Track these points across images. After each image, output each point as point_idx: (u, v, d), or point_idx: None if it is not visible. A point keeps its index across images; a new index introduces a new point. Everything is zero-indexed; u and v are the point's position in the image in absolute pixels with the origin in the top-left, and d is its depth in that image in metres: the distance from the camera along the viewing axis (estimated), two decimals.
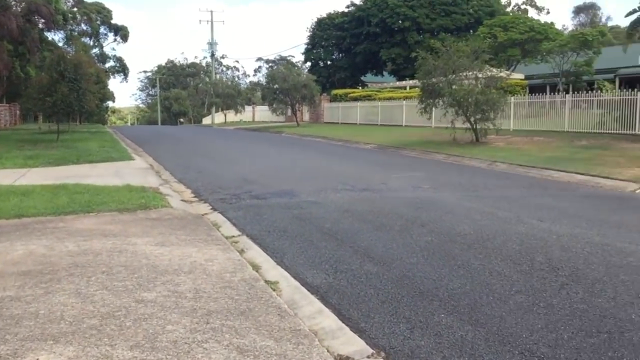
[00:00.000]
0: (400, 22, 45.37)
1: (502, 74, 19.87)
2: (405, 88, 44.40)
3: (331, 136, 27.46)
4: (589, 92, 25.18)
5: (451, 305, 4.54)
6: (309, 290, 4.98)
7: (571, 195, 9.95)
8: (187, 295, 4.62)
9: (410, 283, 5.09)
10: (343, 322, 4.25)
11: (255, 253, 6.23)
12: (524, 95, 26.75)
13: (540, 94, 24.51)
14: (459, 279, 5.16)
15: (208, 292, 4.71)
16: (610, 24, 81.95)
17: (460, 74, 19.06)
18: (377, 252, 6.12)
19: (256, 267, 5.59)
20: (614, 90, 32.56)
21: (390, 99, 36.16)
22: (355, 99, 40.76)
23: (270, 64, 79.41)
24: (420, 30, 45.87)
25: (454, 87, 18.63)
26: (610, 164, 13.38)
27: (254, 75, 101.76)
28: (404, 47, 46.09)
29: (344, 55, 53.77)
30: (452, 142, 19.67)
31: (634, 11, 21.80)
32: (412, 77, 49.81)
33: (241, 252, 6.19)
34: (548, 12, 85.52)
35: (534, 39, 36.54)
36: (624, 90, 20.95)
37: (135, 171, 13.29)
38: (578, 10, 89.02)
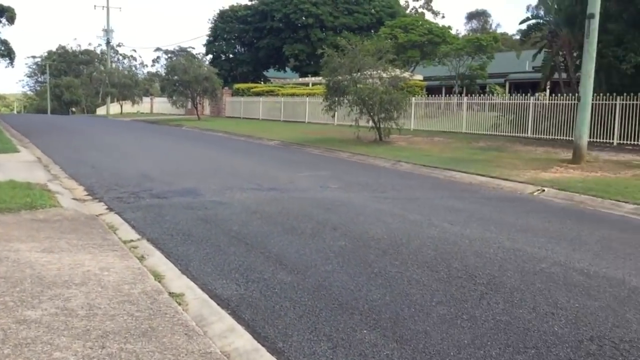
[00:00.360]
0: (303, 18, 45.24)
1: (405, 75, 20.14)
2: (308, 85, 44.40)
3: (234, 131, 26.80)
4: (483, 95, 26.27)
5: (373, 319, 4.26)
6: (218, 304, 4.54)
7: (476, 197, 10.08)
8: (78, 312, 4.04)
9: (327, 294, 4.77)
10: (259, 342, 3.85)
11: (158, 260, 5.68)
12: (423, 96, 27.47)
13: (437, 96, 25.20)
14: (377, 288, 4.90)
15: (104, 309, 4.15)
16: (499, 30, 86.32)
17: (365, 72, 19.09)
18: (289, 258, 5.76)
19: (159, 277, 5.06)
20: (505, 94, 34.22)
21: (293, 95, 35.94)
22: (258, 94, 40.19)
23: (169, 55, 76.69)
24: (324, 27, 46.01)
25: (359, 85, 18.62)
26: (508, 166, 13.82)
27: (152, 65, 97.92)
28: (307, 43, 46.09)
29: (246, 49, 52.93)
30: (356, 140, 19.70)
31: (528, 19, 22.88)
32: (314, 74, 49.98)
33: (141, 259, 5.62)
34: (443, 17, 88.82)
35: (433, 42, 37.64)
36: (514, 94, 21.88)
37: (20, 165, 12.11)
38: (470, 17, 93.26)
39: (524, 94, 21.98)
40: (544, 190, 11.05)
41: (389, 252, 6.05)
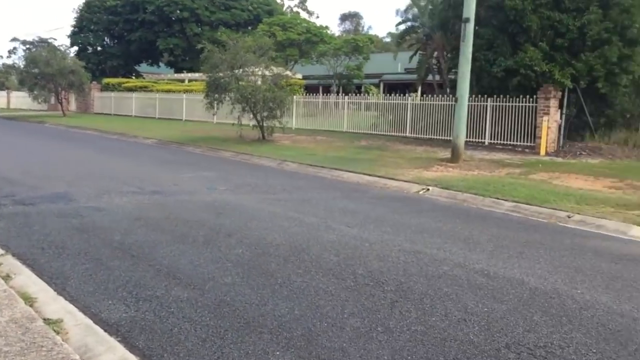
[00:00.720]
0: (178, 11, 43.75)
1: (287, 72, 19.92)
2: (184, 81, 43.05)
3: (105, 128, 25.21)
4: (359, 94, 26.79)
5: (284, 337, 3.91)
6: (106, 330, 3.97)
7: (367, 197, 10.02)
8: None
9: (231, 311, 4.34)
10: None
11: (27, 279, 4.94)
12: (302, 94, 27.50)
13: (315, 95, 25.27)
14: (284, 301, 4.55)
15: None
16: (371, 32, 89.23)
17: (247, 69, 18.63)
18: (184, 271, 5.24)
19: (30, 300, 4.37)
20: (379, 95, 35.20)
21: (169, 91, 34.58)
22: (131, 90, 38.26)
23: (27, 46, 71.14)
24: (200, 22, 44.79)
25: (241, 83, 18.13)
26: (392, 165, 14.01)
27: (8, 57, 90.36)
28: (183, 38, 44.70)
29: (117, 42, 50.28)
30: (239, 139, 19.19)
31: (404, 21, 23.58)
32: (190, 70, 48.56)
33: (6, 278, 4.86)
34: (318, 17, 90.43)
35: (311, 41, 37.94)
36: (388, 94, 22.47)
37: None
38: (344, 18, 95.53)
39: (400, 94, 22.65)
40: (428, 189, 11.26)
41: (291, 259, 5.71)
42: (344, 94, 26.64)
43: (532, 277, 5.45)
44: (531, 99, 16.38)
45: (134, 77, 48.83)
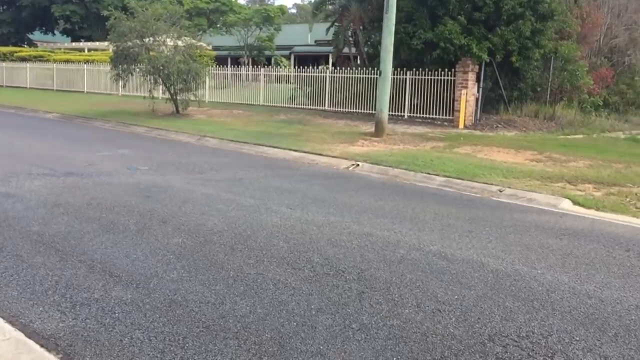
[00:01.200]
0: None
1: (201, 43, 18.96)
2: (83, 50, 40.48)
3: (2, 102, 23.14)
4: (269, 66, 26.18)
5: (253, 342, 3.50)
6: (42, 345, 3.39)
7: (299, 175, 9.64)
8: None
9: (185, 313, 3.86)
10: None
11: None
12: (213, 66, 26.44)
13: (224, 66, 24.39)
14: (243, 298, 4.13)
15: None
16: (278, 3, 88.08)
17: (159, 39, 17.54)
18: (120, 266, 4.67)
19: None
20: (290, 67, 34.64)
21: (67, 61, 32.21)
22: (24, 59, 35.33)
23: None
24: None
25: (152, 53, 17.05)
26: (317, 140, 13.69)
27: None
28: (81, 4, 41.79)
29: (5, 8, 46.22)
30: (151, 113, 18.17)
31: None
32: (89, 39, 45.67)
33: None
34: None
35: (219, 10, 36.62)
36: (300, 67, 22.08)
37: None
38: None
39: (312, 67, 22.30)
40: (358, 165, 11.06)
41: (238, 247, 5.26)
42: (256, 66, 25.93)
43: (489, 257, 5.32)
44: (449, 73, 16.51)
45: (26, 46, 45.29)
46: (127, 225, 5.85)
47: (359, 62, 22.88)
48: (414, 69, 17.33)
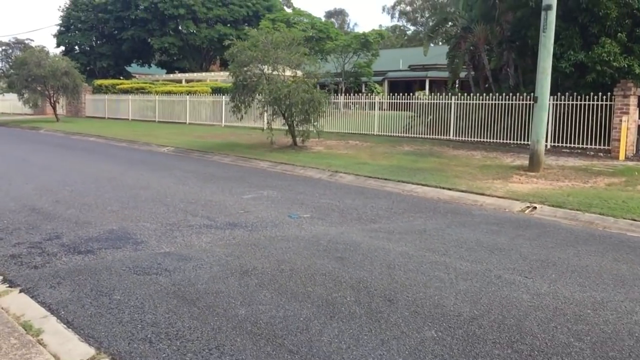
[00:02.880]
0: (173, 9, 41.39)
1: (319, 71, 17.97)
2: (180, 81, 40.89)
3: (108, 134, 23.07)
4: (363, 93, 24.96)
5: None
6: None
7: (482, 223, 8.13)
8: None
9: None
10: None
11: None
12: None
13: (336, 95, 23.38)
14: None
15: None
16: (357, 29, 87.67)
17: (278, 68, 16.65)
18: None
19: None
20: (384, 93, 33.38)
21: (169, 92, 32.33)
22: (126, 91, 35.95)
23: (3, 47, 67.92)
24: (196, 19, 42.53)
25: (275, 83, 16.13)
26: (465, 176, 12.18)
27: None
28: (178, 36, 42.43)
29: (106, 41, 47.73)
30: (266, 145, 17.29)
31: (435, 14, 21.72)
32: (183, 70, 46.30)
33: None
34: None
35: (317, 38, 35.94)
36: (393, 93, 20.86)
37: None
38: (329, 15, 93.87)
39: (408, 93, 20.94)
40: (535, 208, 9.45)
41: (517, 347, 3.81)
42: (349, 93, 24.73)
43: None
44: (604, 97, 14.61)
45: (122, 78, 46.42)
46: (348, 305, 4.54)
47: (480, 86, 21.23)
48: (559, 93, 15.54)
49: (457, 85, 23.74)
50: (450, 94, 20.40)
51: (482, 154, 15.75)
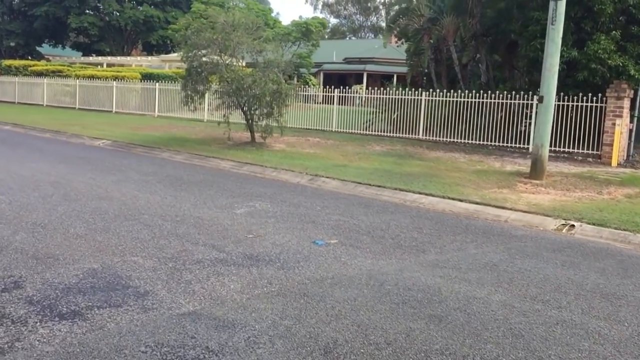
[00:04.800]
0: None
1: (286, 59, 16.06)
2: (101, 65, 37.51)
3: (26, 123, 20.16)
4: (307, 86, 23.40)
5: None
6: None
7: (544, 251, 6.67)
8: None
9: None
10: None
11: None
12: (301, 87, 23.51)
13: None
14: None
15: None
16: (280, 19, 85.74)
17: (237, 54, 14.67)
18: None
19: None
20: (319, 86, 31.78)
21: (92, 77, 29.15)
22: (40, 74, 32.25)
23: None
24: None
25: (237, 71, 14.12)
26: (466, 183, 10.85)
27: None
28: (99, 15, 38.88)
29: (15, 17, 43.15)
30: (218, 141, 15.34)
31: (398, 2, 20.36)
32: (101, 53, 42.66)
33: None
34: None
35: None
36: (327, 86, 19.62)
37: None
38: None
39: (342, 86, 19.66)
40: (573, 226, 8.18)
41: None
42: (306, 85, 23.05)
43: None
44: (595, 98, 13.70)
45: (31, 59, 42.11)
46: None
47: (442, 82, 20.07)
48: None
49: (408, 81, 22.48)
50: (390, 89, 19.10)
51: (464, 156, 14.49)
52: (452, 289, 4.90)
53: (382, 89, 19.14)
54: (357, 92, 23.20)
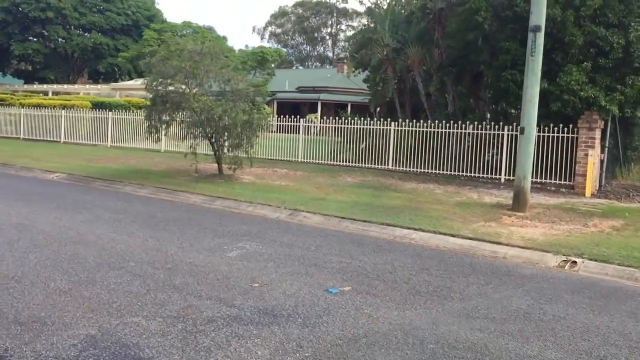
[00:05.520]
0: (40, 11, 36.36)
1: (256, 88, 15.51)
2: (47, 94, 36.05)
3: None
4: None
5: None
6: None
7: (564, 293, 6.33)
8: None
9: None
10: None
11: None
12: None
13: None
14: None
15: None
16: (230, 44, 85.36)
17: (206, 82, 14.08)
18: None
19: None
20: (274, 115, 31.42)
21: (39, 106, 27.77)
22: None
23: None
24: (67, 25, 37.77)
25: (205, 101, 13.49)
26: (452, 216, 10.53)
27: None
28: (44, 43, 37.38)
29: None
30: (182, 173, 14.63)
31: (360, 34, 20.21)
32: (44, 81, 41.04)
33: None
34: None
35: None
36: (281, 115, 19.39)
37: None
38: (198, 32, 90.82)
39: (296, 116, 19.39)
40: (575, 263, 7.92)
41: None
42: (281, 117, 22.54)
43: None
44: (567, 129, 13.74)
45: None
46: None
47: (406, 112, 19.95)
48: (515, 124, 14.50)
49: (372, 110, 22.31)
50: (345, 118, 18.92)
51: (439, 188, 14.22)
52: (500, 345, 4.43)
53: (340, 118, 18.86)
54: (312, 121, 22.92)
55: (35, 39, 37.72)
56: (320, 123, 18.62)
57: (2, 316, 4.40)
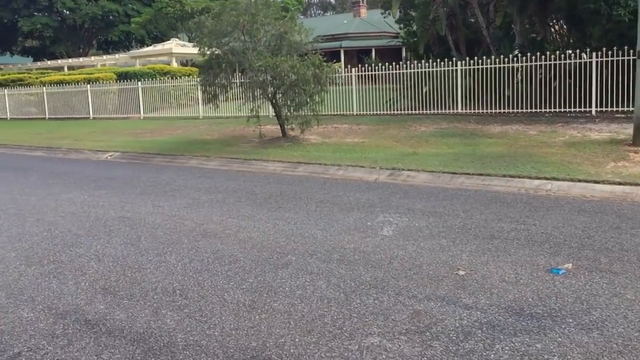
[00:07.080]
0: None
1: (309, 40, 14.16)
2: (62, 69, 34.73)
3: (6, 141, 17.81)
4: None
5: None
6: None
7: None
8: None
9: None
10: None
11: None
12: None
13: None
14: None
15: None
16: None
17: (264, 37, 12.78)
18: None
19: None
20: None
21: (61, 82, 26.46)
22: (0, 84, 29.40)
23: None
24: None
25: (268, 58, 12.21)
26: (575, 159, 9.41)
27: None
28: (52, 15, 35.75)
29: None
30: (242, 139, 13.60)
31: None
32: (53, 57, 39.54)
33: None
34: None
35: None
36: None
37: None
38: None
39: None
40: None
41: None
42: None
43: None
44: None
45: None
46: None
47: (460, 51, 18.51)
48: (605, 48, 13.14)
49: (420, 51, 20.76)
50: (369, 64, 17.58)
51: (529, 128, 12.96)
52: None
53: (363, 65, 17.56)
54: (337, 70, 21.55)
55: (40, 14, 36.04)
56: (373, 70, 17.22)
57: (209, 353, 3.36)
